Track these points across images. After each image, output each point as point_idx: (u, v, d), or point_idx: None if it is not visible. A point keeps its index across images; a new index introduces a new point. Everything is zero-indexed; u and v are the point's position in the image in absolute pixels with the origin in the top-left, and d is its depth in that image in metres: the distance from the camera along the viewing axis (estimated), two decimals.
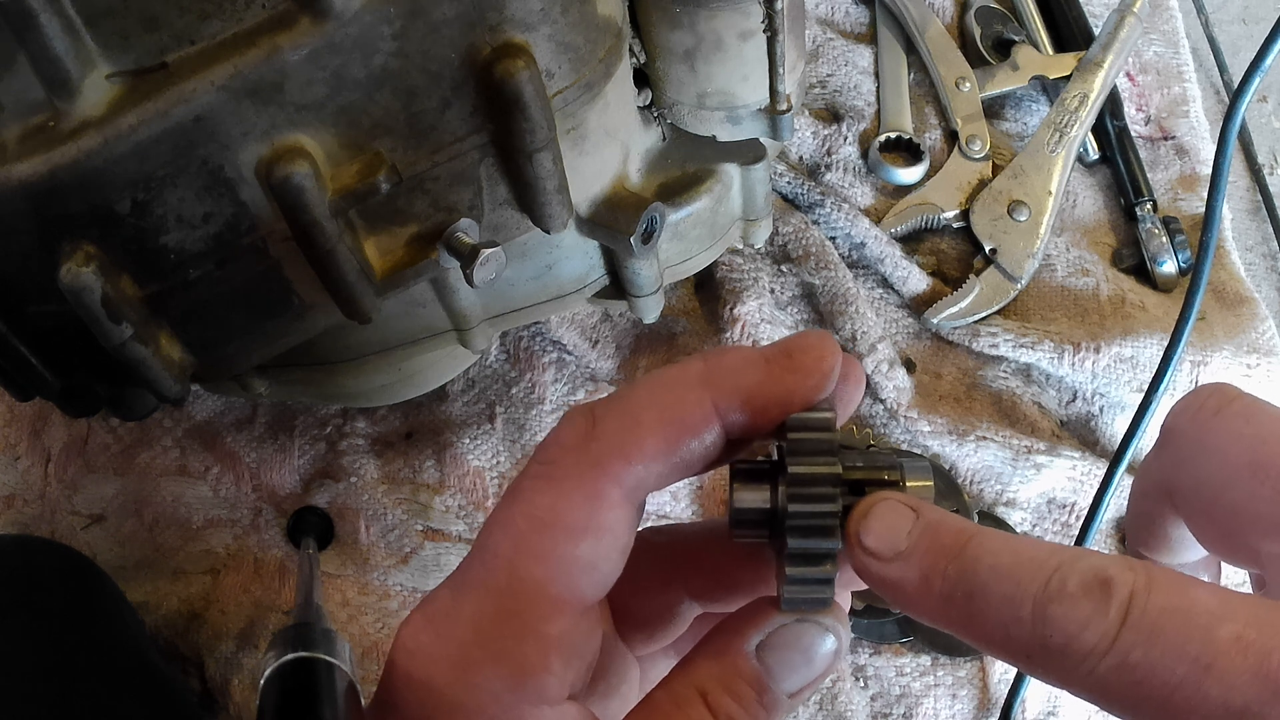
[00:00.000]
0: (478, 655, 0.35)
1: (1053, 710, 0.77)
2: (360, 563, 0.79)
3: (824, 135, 0.90)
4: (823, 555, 0.35)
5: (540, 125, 0.53)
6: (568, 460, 0.36)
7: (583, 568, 0.35)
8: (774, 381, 0.36)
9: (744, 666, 0.36)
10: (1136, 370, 0.80)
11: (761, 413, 0.36)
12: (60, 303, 0.51)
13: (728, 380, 0.36)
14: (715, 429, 0.36)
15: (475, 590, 0.36)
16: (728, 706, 0.35)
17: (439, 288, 0.64)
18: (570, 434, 0.36)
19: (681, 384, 0.36)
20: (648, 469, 0.35)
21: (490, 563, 0.36)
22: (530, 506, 0.36)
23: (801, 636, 0.36)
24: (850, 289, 0.84)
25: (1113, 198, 0.91)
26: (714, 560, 0.41)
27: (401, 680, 0.36)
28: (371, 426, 0.82)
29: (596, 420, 0.36)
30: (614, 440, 0.35)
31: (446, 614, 0.37)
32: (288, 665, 0.59)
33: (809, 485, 0.34)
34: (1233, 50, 1.02)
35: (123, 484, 0.81)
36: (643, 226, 0.62)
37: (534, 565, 0.35)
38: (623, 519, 0.36)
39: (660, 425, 0.35)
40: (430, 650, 0.36)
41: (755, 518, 0.36)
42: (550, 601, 0.35)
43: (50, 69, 0.47)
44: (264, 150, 0.50)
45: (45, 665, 0.62)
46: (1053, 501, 0.80)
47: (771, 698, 0.36)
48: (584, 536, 0.35)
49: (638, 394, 0.36)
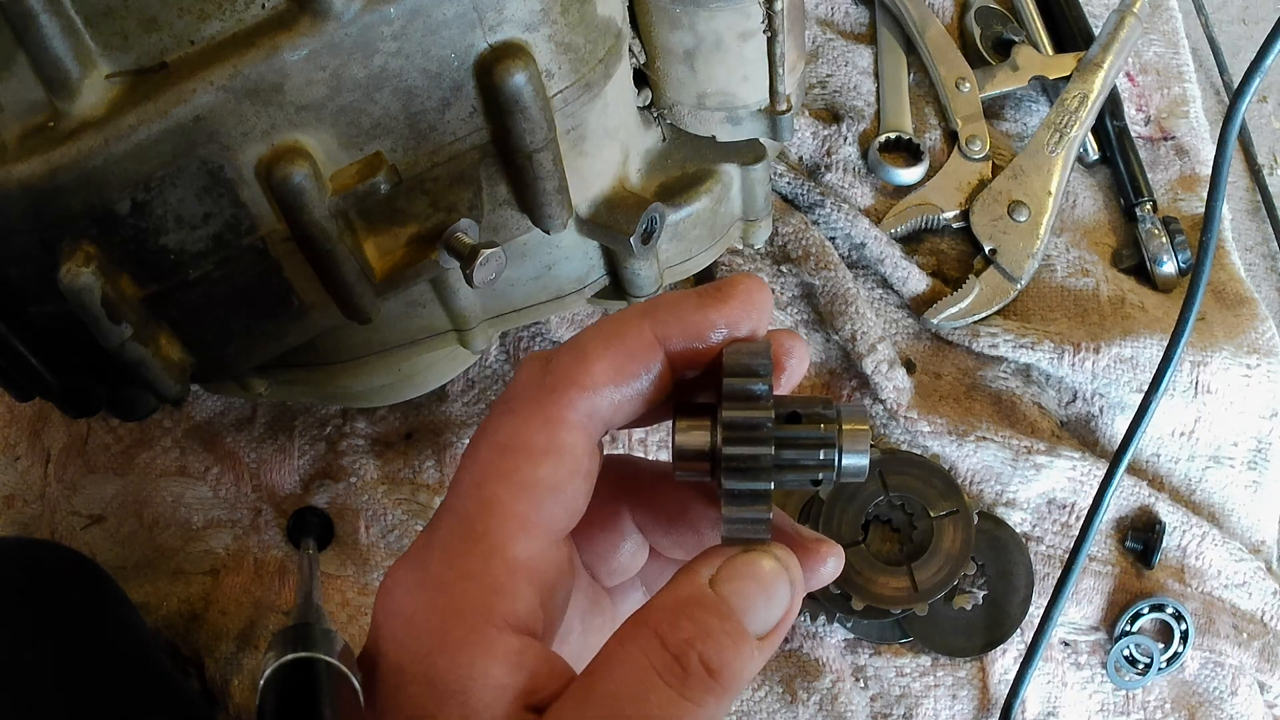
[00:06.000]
0: (448, 580, 0.37)
1: (1053, 710, 0.77)
2: (360, 563, 0.79)
3: (824, 135, 0.90)
4: (756, 495, 0.36)
5: (540, 125, 0.53)
6: (526, 394, 0.38)
7: (546, 489, 0.37)
8: (706, 309, 0.38)
9: (701, 595, 0.36)
10: (1136, 370, 0.80)
11: (698, 338, 0.38)
12: (60, 303, 0.51)
13: (665, 310, 0.38)
14: (658, 355, 0.38)
15: (446, 519, 0.38)
16: (684, 630, 0.35)
17: (439, 288, 0.64)
18: (527, 373, 0.39)
19: (623, 319, 0.39)
20: (599, 394, 0.38)
21: (459, 490, 0.38)
22: (493, 435, 0.38)
23: (752, 564, 0.37)
24: (850, 289, 0.84)
25: (1113, 198, 0.91)
26: (663, 494, 0.43)
27: (381, 616, 0.38)
28: (371, 427, 0.82)
29: (550, 358, 0.39)
30: (566, 371, 0.38)
31: (422, 547, 0.38)
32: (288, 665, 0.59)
33: (741, 429, 0.36)
34: (1233, 50, 1.02)
35: (123, 484, 0.81)
36: (642, 227, 0.62)
37: (499, 488, 0.37)
38: (580, 442, 0.38)
39: (606, 352, 0.38)
40: (406, 581, 0.38)
41: (696, 455, 0.38)
42: (517, 521, 0.37)
43: (50, 69, 0.47)
44: (264, 150, 0.50)
45: (53, 667, 0.62)
46: (1053, 501, 0.80)
47: (736, 627, 0.36)
48: (544, 458, 0.37)
49: (586, 332, 0.39)
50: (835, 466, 0.38)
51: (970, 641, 0.78)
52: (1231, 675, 0.77)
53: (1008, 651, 0.78)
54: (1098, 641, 0.79)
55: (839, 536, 0.77)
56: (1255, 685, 0.78)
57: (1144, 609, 0.78)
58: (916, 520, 0.78)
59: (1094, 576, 0.79)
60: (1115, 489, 0.77)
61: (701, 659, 0.34)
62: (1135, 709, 0.78)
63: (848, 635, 0.78)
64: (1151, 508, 0.80)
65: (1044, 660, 0.77)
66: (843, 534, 0.78)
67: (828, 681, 0.77)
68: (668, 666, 0.34)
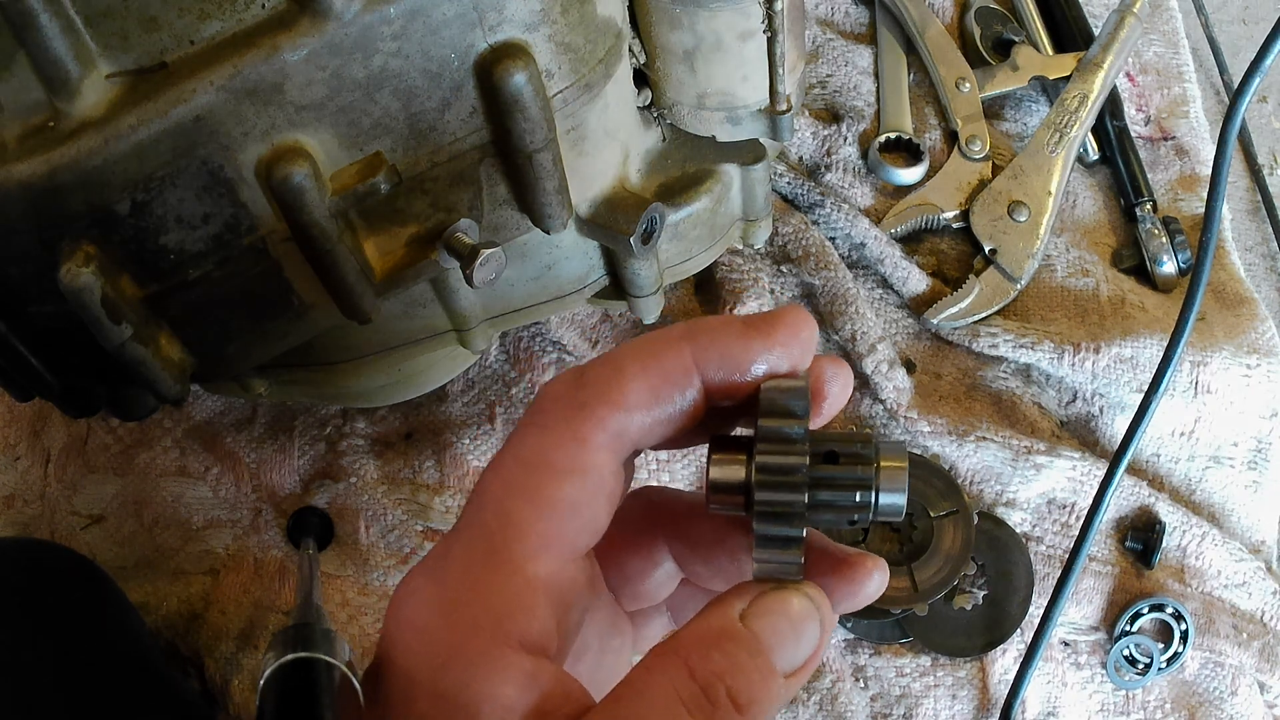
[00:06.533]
0: (465, 594, 0.36)
1: (1053, 710, 0.77)
2: (360, 563, 0.79)
3: (824, 135, 0.90)
4: (789, 540, 0.36)
5: (540, 125, 0.53)
6: (556, 409, 0.37)
7: (569, 508, 0.36)
8: (750, 342, 0.37)
9: (733, 628, 0.36)
10: (1136, 370, 0.80)
11: (738, 370, 0.37)
12: (60, 303, 0.51)
13: (706, 336, 0.37)
14: (695, 382, 0.37)
15: (467, 532, 0.37)
16: (714, 663, 0.35)
17: (439, 288, 0.64)
18: (559, 387, 0.38)
19: (663, 339, 0.38)
20: (631, 416, 0.37)
21: (481, 503, 0.37)
22: (520, 449, 0.37)
23: (784, 601, 0.37)
24: (850, 289, 0.84)
25: (1113, 198, 0.91)
26: (701, 524, 0.43)
27: (394, 625, 0.37)
28: (371, 427, 0.82)
29: (583, 373, 0.38)
30: (599, 388, 0.37)
31: (440, 557, 0.38)
32: (288, 665, 0.59)
33: (775, 473, 0.36)
34: (1233, 50, 1.02)
35: (123, 484, 0.81)
36: (642, 227, 0.62)
37: (522, 504, 0.36)
38: (607, 463, 0.37)
39: (642, 373, 0.37)
40: (423, 592, 0.37)
41: (730, 489, 0.38)
42: (538, 539, 0.36)
43: (50, 69, 0.47)
44: (264, 150, 0.50)
45: (53, 667, 0.62)
46: (1052, 502, 0.80)
47: (765, 663, 0.35)
48: (569, 477, 0.36)
49: (623, 349, 0.38)
50: (871, 507, 0.37)
51: (970, 641, 0.78)
52: (1231, 675, 0.77)
53: (1008, 651, 0.78)
54: (1098, 641, 0.79)
55: (839, 537, 0.77)
56: (1255, 685, 0.78)
57: (1144, 609, 0.78)
58: (916, 520, 0.78)
59: (1094, 576, 0.79)
60: (1115, 489, 0.77)
61: (730, 693, 0.34)
62: (1135, 709, 0.78)
63: (848, 635, 0.78)
64: (1151, 508, 0.80)
65: (1044, 660, 0.77)
66: (842, 534, 0.78)
67: (828, 681, 0.77)
68: (695, 698, 0.34)
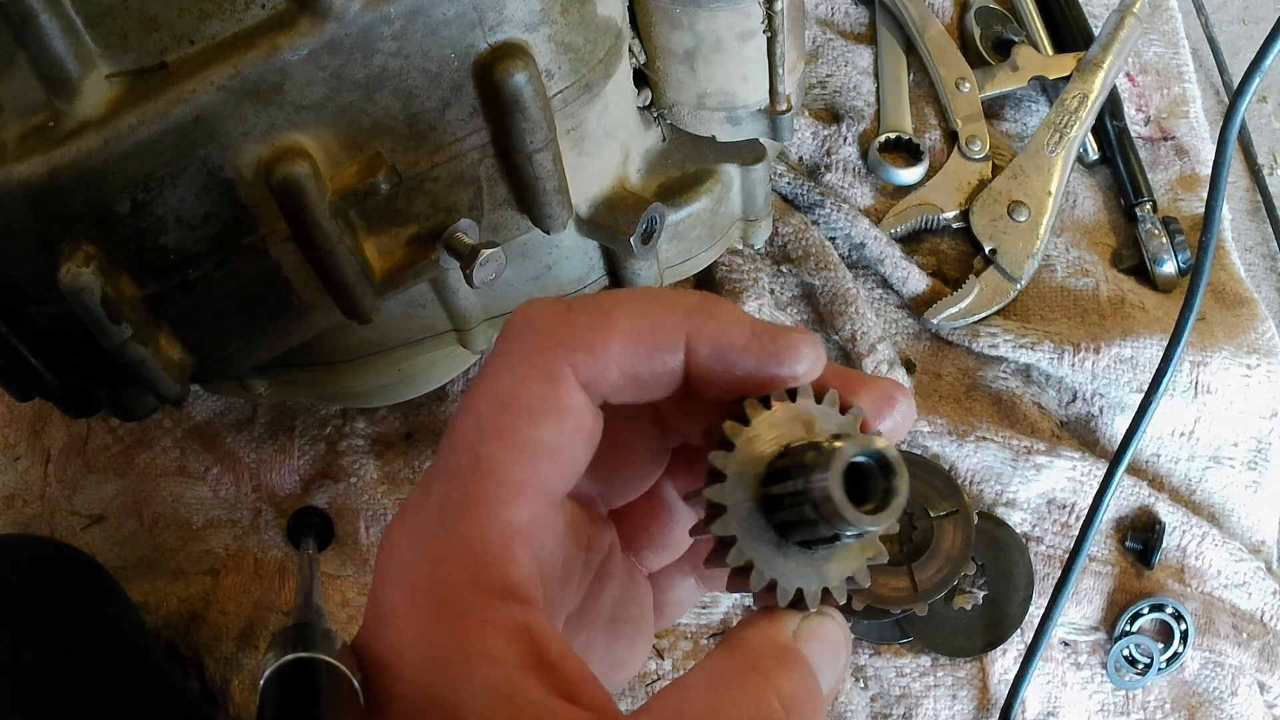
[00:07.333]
0: (443, 546, 0.35)
1: (1052, 710, 0.77)
2: (360, 563, 0.79)
3: (824, 135, 0.90)
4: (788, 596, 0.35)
5: (540, 125, 0.53)
6: (533, 338, 0.36)
7: (545, 451, 0.35)
8: (751, 348, 0.36)
9: (796, 651, 0.35)
10: (1136, 370, 0.80)
11: (727, 368, 0.36)
12: (60, 303, 0.51)
13: (711, 326, 0.36)
14: (679, 361, 0.36)
15: (441, 478, 0.36)
16: (791, 686, 0.34)
17: (439, 288, 0.64)
18: (540, 313, 0.36)
19: (665, 306, 0.36)
20: (607, 370, 0.36)
21: (456, 446, 0.36)
22: (494, 384, 0.36)
23: (825, 628, 0.36)
24: (850, 289, 0.84)
25: (1112, 198, 0.91)
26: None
27: (379, 582, 0.36)
28: (371, 427, 0.82)
29: (570, 307, 0.36)
30: (582, 331, 0.36)
31: (418, 505, 0.36)
32: (287, 666, 0.59)
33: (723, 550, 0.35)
34: (1233, 50, 1.02)
35: (123, 484, 0.81)
36: (642, 227, 0.62)
37: (496, 448, 0.35)
38: (583, 404, 0.36)
39: (631, 331, 0.36)
40: (403, 545, 0.36)
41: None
42: (514, 485, 0.35)
43: (50, 69, 0.47)
44: (264, 150, 0.50)
45: (53, 667, 0.62)
46: (1052, 502, 0.80)
47: (819, 687, 0.35)
48: (546, 419, 0.35)
49: (620, 296, 0.37)
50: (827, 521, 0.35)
51: (970, 641, 0.78)
52: (1231, 675, 0.77)
53: (1008, 651, 0.78)
54: (1098, 641, 0.79)
55: None
56: (1255, 685, 0.78)
57: (1144, 609, 0.78)
58: (916, 520, 0.78)
59: (1094, 576, 0.79)
60: (1115, 489, 0.77)
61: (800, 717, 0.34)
62: (1135, 709, 0.78)
63: None
64: (1151, 508, 0.80)
65: (1044, 660, 0.77)
66: None
67: None
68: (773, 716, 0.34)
